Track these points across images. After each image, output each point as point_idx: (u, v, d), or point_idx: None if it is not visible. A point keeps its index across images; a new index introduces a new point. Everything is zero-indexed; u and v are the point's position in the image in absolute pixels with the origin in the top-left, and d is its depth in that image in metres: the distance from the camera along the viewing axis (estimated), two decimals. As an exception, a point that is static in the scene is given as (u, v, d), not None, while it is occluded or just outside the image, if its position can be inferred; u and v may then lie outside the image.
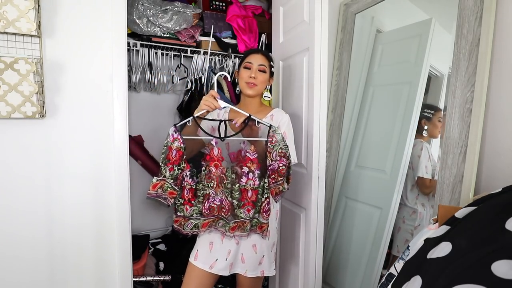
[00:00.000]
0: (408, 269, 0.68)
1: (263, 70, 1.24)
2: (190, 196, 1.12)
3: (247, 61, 1.25)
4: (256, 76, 1.22)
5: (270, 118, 1.26)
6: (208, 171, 1.12)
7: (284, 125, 1.24)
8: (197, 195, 1.13)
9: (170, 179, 1.09)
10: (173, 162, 1.09)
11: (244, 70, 1.25)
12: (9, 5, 1.02)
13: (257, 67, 1.24)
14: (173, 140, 1.08)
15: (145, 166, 2.23)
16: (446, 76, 1.31)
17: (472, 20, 1.05)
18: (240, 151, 1.17)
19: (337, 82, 1.76)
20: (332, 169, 1.75)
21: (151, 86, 1.98)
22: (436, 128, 1.42)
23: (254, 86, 1.23)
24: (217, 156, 1.11)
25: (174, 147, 1.08)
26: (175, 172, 1.09)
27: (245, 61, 1.26)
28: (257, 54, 1.26)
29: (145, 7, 1.70)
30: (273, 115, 1.27)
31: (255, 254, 1.23)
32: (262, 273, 1.25)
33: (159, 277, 1.75)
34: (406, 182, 1.46)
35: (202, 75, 1.92)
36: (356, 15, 1.67)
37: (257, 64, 1.24)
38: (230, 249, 1.21)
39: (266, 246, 1.25)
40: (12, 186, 1.12)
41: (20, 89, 1.06)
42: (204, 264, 1.21)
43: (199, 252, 1.23)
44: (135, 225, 2.00)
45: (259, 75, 1.23)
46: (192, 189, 1.12)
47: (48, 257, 1.19)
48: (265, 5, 2.18)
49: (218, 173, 1.12)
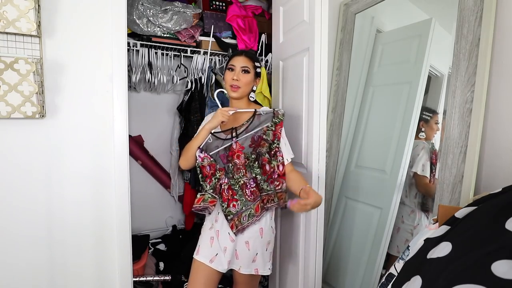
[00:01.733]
0: (408, 269, 0.68)
1: (246, 70, 1.25)
2: (230, 194, 1.22)
3: (230, 64, 1.27)
4: (238, 78, 1.24)
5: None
6: (234, 164, 1.21)
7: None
8: (235, 189, 1.22)
9: (210, 189, 1.22)
10: (210, 175, 1.22)
11: (228, 72, 1.27)
12: (9, 5, 1.02)
13: (239, 68, 1.25)
14: (202, 159, 1.21)
15: (145, 166, 2.23)
16: (446, 76, 1.31)
17: (472, 20, 1.05)
18: (253, 137, 1.24)
19: (337, 82, 1.76)
20: (332, 169, 1.75)
21: (151, 86, 1.98)
22: (432, 130, 1.43)
23: (237, 88, 1.24)
24: (237, 148, 1.21)
25: (206, 164, 1.21)
26: (213, 183, 1.22)
27: (228, 64, 1.28)
28: (240, 56, 1.27)
29: (145, 7, 1.70)
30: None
31: (247, 250, 1.24)
32: (256, 271, 1.25)
33: (159, 277, 1.75)
34: (406, 181, 1.46)
35: (202, 75, 1.92)
36: (356, 15, 1.67)
37: (240, 66, 1.25)
38: (226, 246, 1.23)
39: (260, 243, 1.25)
40: (12, 186, 1.12)
41: (20, 89, 1.06)
42: (205, 258, 1.24)
43: (201, 247, 1.27)
44: (135, 225, 2.00)
45: (242, 77, 1.24)
46: (230, 186, 1.22)
47: (48, 257, 1.19)
48: (265, 5, 2.18)
49: (242, 161, 1.21)
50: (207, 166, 1.20)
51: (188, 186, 2.08)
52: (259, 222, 1.25)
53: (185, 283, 1.75)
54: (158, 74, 1.90)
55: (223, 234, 1.24)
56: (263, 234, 1.25)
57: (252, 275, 1.26)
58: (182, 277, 1.77)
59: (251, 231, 1.24)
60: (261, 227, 1.25)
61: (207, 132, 1.21)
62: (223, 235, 1.24)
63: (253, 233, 1.24)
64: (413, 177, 1.45)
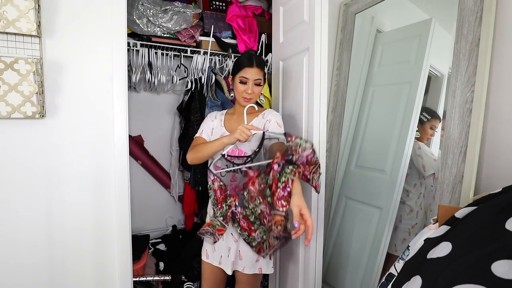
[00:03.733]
0: (408, 269, 0.68)
1: (259, 84, 1.25)
2: (246, 225, 1.16)
3: (243, 76, 1.23)
4: (252, 91, 1.23)
5: (262, 116, 1.29)
6: (248, 191, 1.09)
7: (273, 118, 1.25)
8: (251, 221, 1.15)
9: (220, 217, 1.17)
10: (221, 201, 1.16)
11: (240, 85, 1.24)
12: (9, 5, 1.02)
13: (253, 81, 1.23)
14: (212, 182, 1.15)
15: (145, 166, 2.23)
16: (446, 76, 1.31)
17: (472, 20, 1.05)
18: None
19: (337, 82, 1.76)
20: (332, 169, 1.75)
21: (151, 86, 1.98)
22: (425, 134, 1.43)
23: (250, 100, 1.25)
24: (254, 175, 1.08)
25: (216, 188, 1.15)
26: (223, 209, 1.16)
27: (240, 75, 1.23)
28: (252, 68, 1.22)
29: (145, 7, 1.70)
30: (264, 113, 1.30)
31: (251, 250, 1.24)
32: (260, 270, 1.26)
33: (159, 277, 1.75)
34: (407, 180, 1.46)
35: (202, 75, 1.92)
36: (356, 15, 1.67)
37: (253, 79, 1.23)
38: (229, 246, 1.24)
39: None
40: (12, 186, 1.12)
41: (20, 89, 1.06)
42: (214, 260, 1.28)
43: (208, 250, 1.30)
44: (135, 225, 2.00)
45: (255, 89, 1.24)
46: (246, 217, 1.15)
47: (48, 257, 1.19)
48: (265, 5, 2.18)
49: (257, 188, 1.07)
50: (217, 190, 1.15)
51: (188, 186, 2.08)
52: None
53: (185, 283, 1.75)
54: (158, 74, 1.89)
55: (226, 234, 1.24)
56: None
57: (256, 275, 1.27)
58: (182, 277, 1.77)
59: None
60: None
61: (223, 146, 1.15)
62: (226, 236, 1.24)
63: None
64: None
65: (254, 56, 1.25)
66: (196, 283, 1.77)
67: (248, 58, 1.24)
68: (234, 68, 1.28)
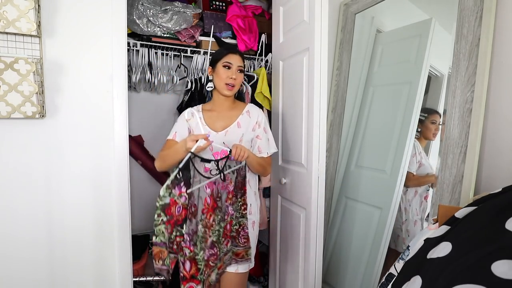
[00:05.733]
0: (408, 269, 0.68)
1: (241, 70, 1.25)
2: (193, 271, 1.02)
3: (227, 61, 1.23)
4: (236, 77, 1.23)
5: (247, 115, 1.28)
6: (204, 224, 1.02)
7: (262, 122, 1.28)
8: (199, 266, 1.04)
9: (169, 243, 0.97)
10: (176, 221, 0.96)
11: (224, 70, 1.23)
12: (9, 5, 1.02)
13: (236, 67, 1.24)
14: (179, 194, 0.96)
15: (145, 166, 2.23)
16: (446, 76, 1.31)
17: (472, 20, 1.05)
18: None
19: (337, 82, 1.76)
20: (332, 169, 1.75)
21: (151, 86, 1.98)
22: (429, 131, 1.42)
23: (232, 88, 1.23)
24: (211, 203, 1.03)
25: (181, 203, 0.96)
26: (173, 235, 0.97)
27: (224, 60, 1.23)
28: (236, 55, 1.25)
29: (145, 7, 1.70)
30: (249, 111, 1.29)
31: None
32: (249, 266, 1.25)
33: (159, 277, 1.75)
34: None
35: (202, 75, 1.92)
36: (356, 15, 1.67)
37: (237, 65, 1.24)
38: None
39: (254, 237, 1.26)
40: (12, 186, 1.12)
41: (20, 89, 1.06)
42: None
43: None
44: (135, 225, 1.99)
45: (238, 76, 1.24)
46: (194, 261, 1.03)
47: (48, 257, 1.19)
48: (265, 5, 2.18)
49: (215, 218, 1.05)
50: (179, 206, 0.96)
51: (188, 186, 2.07)
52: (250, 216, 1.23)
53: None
54: (158, 74, 1.89)
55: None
56: (254, 225, 1.27)
57: (245, 272, 1.26)
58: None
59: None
60: (253, 220, 1.25)
61: (183, 155, 1.05)
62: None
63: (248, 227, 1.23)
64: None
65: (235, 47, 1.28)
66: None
67: (230, 47, 1.27)
68: (215, 57, 1.27)
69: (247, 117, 1.27)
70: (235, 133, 1.24)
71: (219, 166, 1.09)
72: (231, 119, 1.27)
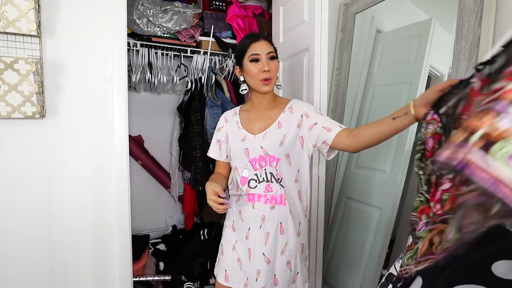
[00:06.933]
0: (408, 269, 0.68)
1: (273, 56, 1.03)
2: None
3: (253, 53, 1.01)
4: (270, 67, 1.01)
5: (289, 111, 1.07)
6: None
7: (310, 111, 1.05)
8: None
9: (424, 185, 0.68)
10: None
11: (253, 65, 1.01)
12: (9, 5, 1.02)
13: (266, 56, 1.01)
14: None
15: (145, 166, 2.23)
16: (446, 76, 1.31)
17: (472, 20, 1.05)
18: None
19: (337, 82, 1.76)
20: (332, 169, 1.75)
21: (151, 86, 1.98)
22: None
23: (270, 80, 1.02)
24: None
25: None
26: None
27: (249, 54, 1.02)
28: (261, 41, 1.02)
29: (145, 7, 1.70)
30: (292, 107, 1.08)
31: (289, 272, 1.05)
32: None
33: (159, 277, 1.75)
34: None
35: (202, 75, 1.92)
36: (356, 15, 1.67)
37: (266, 53, 1.01)
38: (259, 268, 1.03)
39: (300, 260, 1.07)
40: (12, 186, 1.12)
41: (20, 89, 1.06)
42: (239, 283, 1.06)
43: (229, 272, 1.08)
44: (135, 225, 2.00)
45: (272, 65, 1.02)
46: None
47: (48, 257, 1.19)
48: (265, 5, 2.18)
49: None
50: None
51: (188, 186, 2.08)
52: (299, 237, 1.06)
53: (185, 283, 1.75)
54: (158, 74, 1.90)
55: (256, 254, 1.03)
56: (304, 248, 1.09)
57: None
58: (182, 277, 1.77)
59: (293, 247, 1.05)
60: (302, 242, 1.08)
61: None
62: (256, 255, 1.03)
63: (296, 250, 1.05)
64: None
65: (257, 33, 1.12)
66: (196, 283, 1.77)
67: (251, 35, 1.05)
68: (239, 53, 1.06)
69: (289, 113, 1.06)
70: (274, 135, 1.03)
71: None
72: (271, 118, 1.07)
